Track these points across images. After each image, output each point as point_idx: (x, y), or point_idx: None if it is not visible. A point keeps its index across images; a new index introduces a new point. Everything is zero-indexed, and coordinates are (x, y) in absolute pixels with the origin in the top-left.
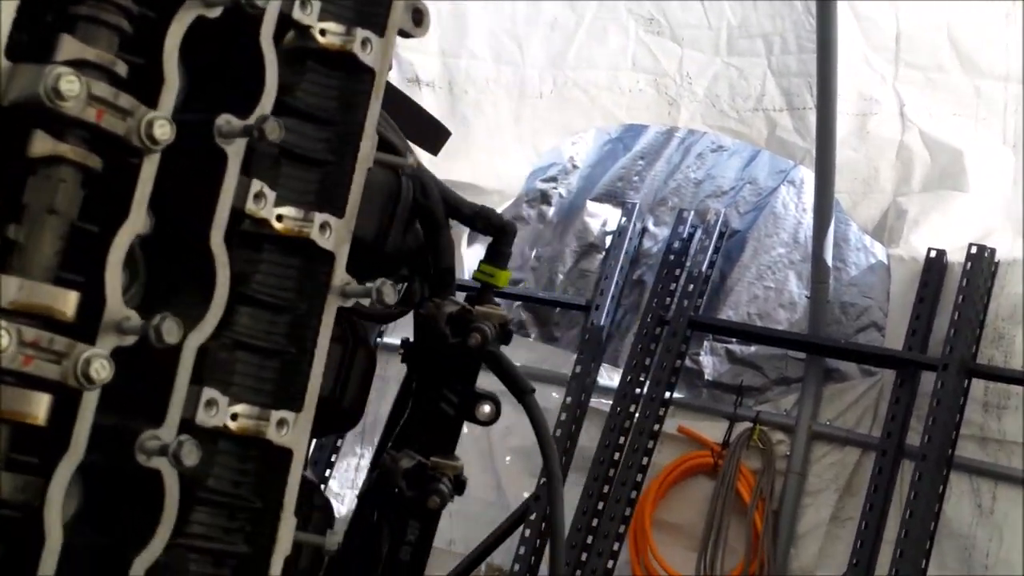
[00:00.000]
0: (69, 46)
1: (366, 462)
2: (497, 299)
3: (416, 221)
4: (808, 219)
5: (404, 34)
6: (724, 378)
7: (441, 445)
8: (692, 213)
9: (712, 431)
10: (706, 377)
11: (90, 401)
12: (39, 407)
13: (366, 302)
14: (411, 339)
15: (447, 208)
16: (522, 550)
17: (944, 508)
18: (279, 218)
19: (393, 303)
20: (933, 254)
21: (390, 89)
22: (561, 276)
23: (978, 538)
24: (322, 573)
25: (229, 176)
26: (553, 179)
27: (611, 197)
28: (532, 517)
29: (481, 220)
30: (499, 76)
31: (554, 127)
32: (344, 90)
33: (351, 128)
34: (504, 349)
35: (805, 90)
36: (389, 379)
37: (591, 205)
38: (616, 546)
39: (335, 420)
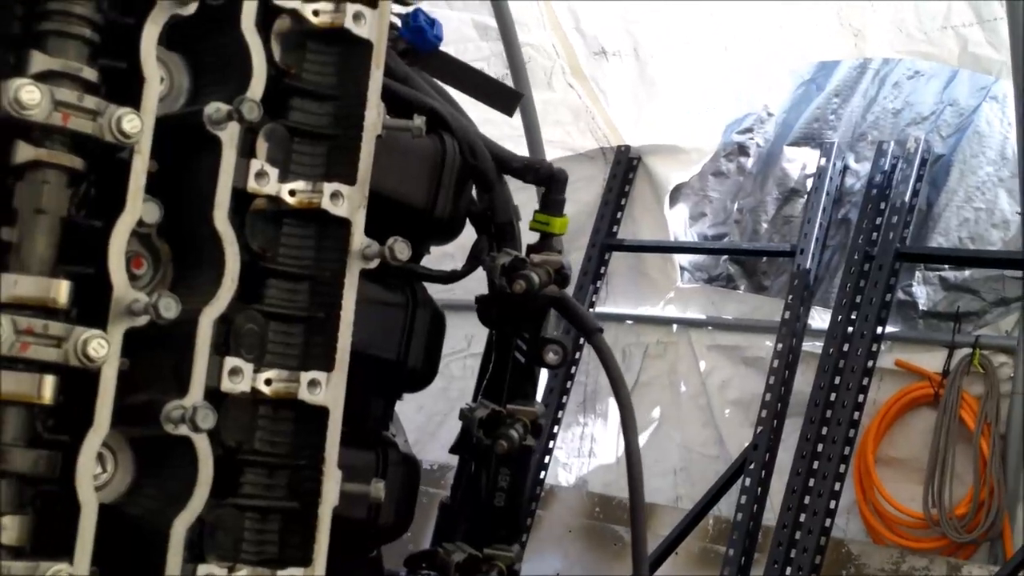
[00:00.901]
0: (37, 59)
1: (591, 430)
2: (700, 253)
3: (469, 182)
4: (1015, 133)
5: (400, 1)
6: (940, 306)
7: (519, 392)
8: (892, 144)
9: (931, 362)
10: (921, 307)
11: (108, 378)
12: (44, 388)
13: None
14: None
15: (497, 164)
16: (743, 499)
17: None
18: (292, 193)
19: (406, 259)
20: None
21: (453, 62)
22: (765, 225)
23: None
24: (435, 525)
25: (226, 159)
26: (749, 129)
27: (809, 139)
28: (751, 466)
29: (531, 172)
30: (682, 34)
31: (742, 76)
32: (342, 65)
33: (354, 100)
34: (715, 304)
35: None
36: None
37: (788, 150)
38: (837, 486)
39: (405, 381)
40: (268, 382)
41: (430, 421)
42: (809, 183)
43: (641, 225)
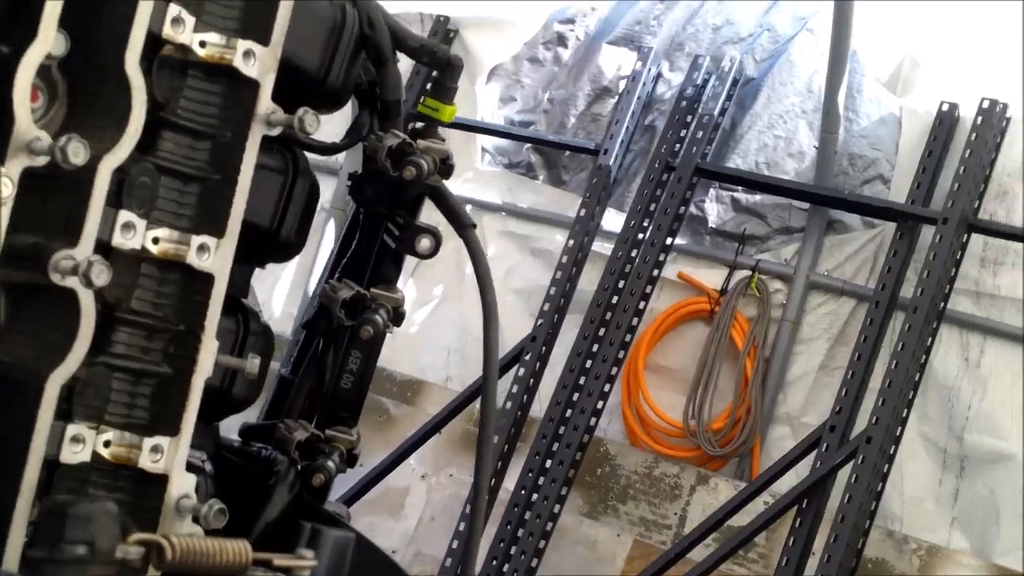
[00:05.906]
0: None
1: None
2: (506, 138)
3: (362, 54)
4: (824, 68)
5: None
6: (727, 226)
7: (383, 276)
8: (707, 59)
9: (712, 278)
10: (710, 224)
11: (2, 218)
12: None
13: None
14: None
15: (394, 40)
16: (515, 388)
17: (932, 360)
18: (202, 44)
19: (314, 132)
20: (945, 107)
21: None
22: (573, 120)
23: (962, 390)
24: (270, 397)
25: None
26: (571, 20)
27: (628, 41)
28: (527, 357)
29: (427, 53)
30: None
31: None
32: None
33: None
34: (512, 190)
35: None
36: None
37: (607, 48)
38: (607, 387)
39: (275, 249)
40: (156, 240)
41: None
42: (622, 84)
43: None
